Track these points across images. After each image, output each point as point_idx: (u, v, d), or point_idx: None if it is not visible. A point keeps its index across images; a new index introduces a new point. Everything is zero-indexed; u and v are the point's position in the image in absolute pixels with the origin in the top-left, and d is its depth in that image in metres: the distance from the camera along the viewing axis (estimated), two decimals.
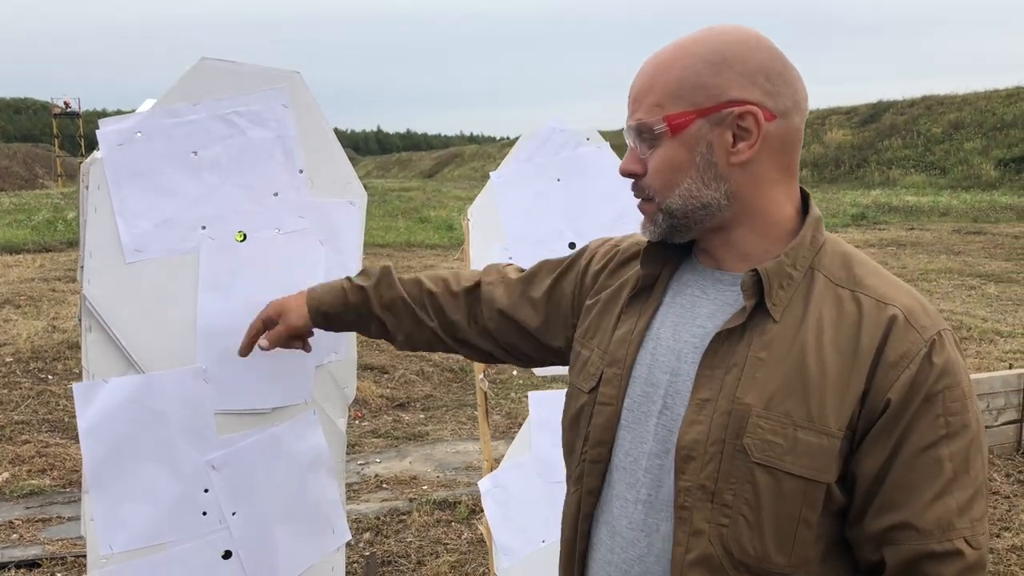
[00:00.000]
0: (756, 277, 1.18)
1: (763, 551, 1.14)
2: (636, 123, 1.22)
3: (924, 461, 1.11)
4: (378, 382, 7.19)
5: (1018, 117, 32.05)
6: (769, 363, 1.15)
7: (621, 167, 1.25)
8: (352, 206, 2.02)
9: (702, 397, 1.18)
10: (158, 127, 1.74)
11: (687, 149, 1.19)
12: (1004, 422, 5.46)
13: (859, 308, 1.15)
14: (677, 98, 1.18)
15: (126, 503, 1.73)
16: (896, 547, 1.12)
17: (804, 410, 1.12)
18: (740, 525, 1.14)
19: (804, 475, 1.12)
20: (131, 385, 1.72)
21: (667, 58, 1.21)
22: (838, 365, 1.13)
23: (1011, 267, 13.21)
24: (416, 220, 22.10)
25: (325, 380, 2.00)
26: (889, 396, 1.11)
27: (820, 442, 1.12)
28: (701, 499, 1.15)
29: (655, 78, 1.21)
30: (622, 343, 1.30)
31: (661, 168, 1.21)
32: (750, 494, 1.13)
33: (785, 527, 1.13)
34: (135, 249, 1.72)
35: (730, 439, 1.14)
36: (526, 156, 2.72)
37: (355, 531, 4.43)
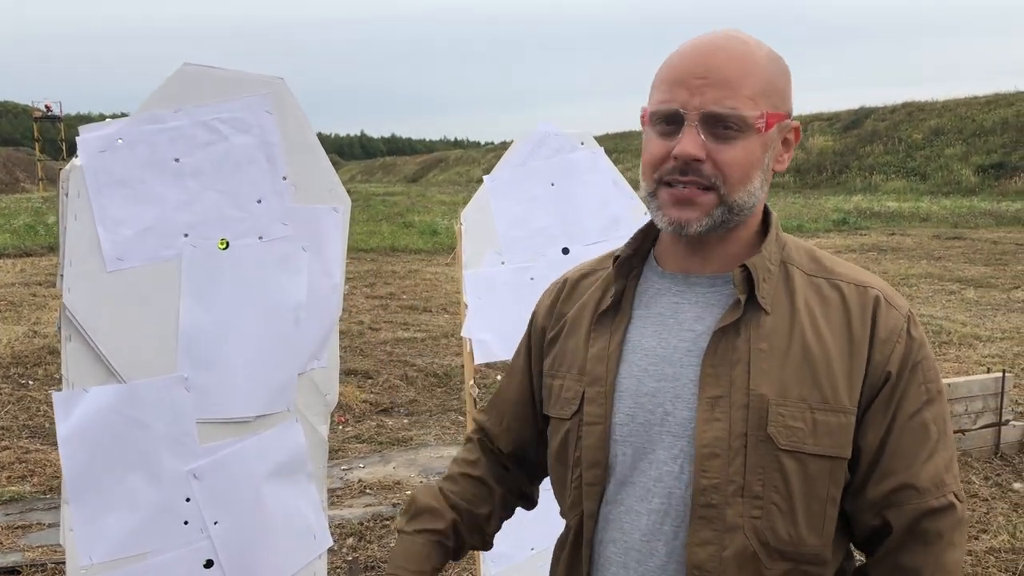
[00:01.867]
0: (746, 271, 1.21)
1: (798, 536, 1.18)
2: (730, 111, 1.16)
3: (914, 426, 1.20)
4: (362, 387, 7.17)
5: (997, 124, 32.42)
6: (773, 353, 1.19)
7: (684, 149, 1.16)
8: (336, 212, 2.02)
9: (713, 395, 1.19)
10: (139, 134, 1.74)
11: (763, 148, 1.21)
12: (982, 425, 5.51)
13: (840, 294, 1.23)
14: (767, 96, 1.19)
15: (106, 513, 1.72)
16: (899, 508, 1.19)
17: (818, 393, 1.18)
18: (773, 514, 1.17)
19: (828, 454, 1.17)
20: (111, 394, 1.71)
21: (749, 53, 1.19)
22: (838, 347, 1.19)
23: (990, 272, 13.34)
24: (400, 225, 22.08)
25: (307, 387, 1.99)
26: (888, 369, 1.19)
27: (839, 420, 1.18)
28: (732, 495, 1.17)
29: (745, 68, 1.17)
30: (599, 361, 1.29)
31: (740, 162, 1.18)
32: (779, 482, 1.16)
33: (815, 508, 1.18)
34: (116, 257, 1.71)
35: (752, 431, 1.17)
36: (520, 160, 2.71)
37: (338, 536, 4.41)
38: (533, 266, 2.72)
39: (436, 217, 23.37)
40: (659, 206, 1.22)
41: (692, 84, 1.17)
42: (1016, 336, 8.85)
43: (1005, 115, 32.91)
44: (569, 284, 1.44)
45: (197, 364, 1.79)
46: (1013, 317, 9.90)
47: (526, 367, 1.48)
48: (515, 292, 2.67)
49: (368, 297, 11.61)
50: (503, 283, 2.75)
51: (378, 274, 13.75)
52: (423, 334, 9.24)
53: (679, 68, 1.19)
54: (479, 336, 2.77)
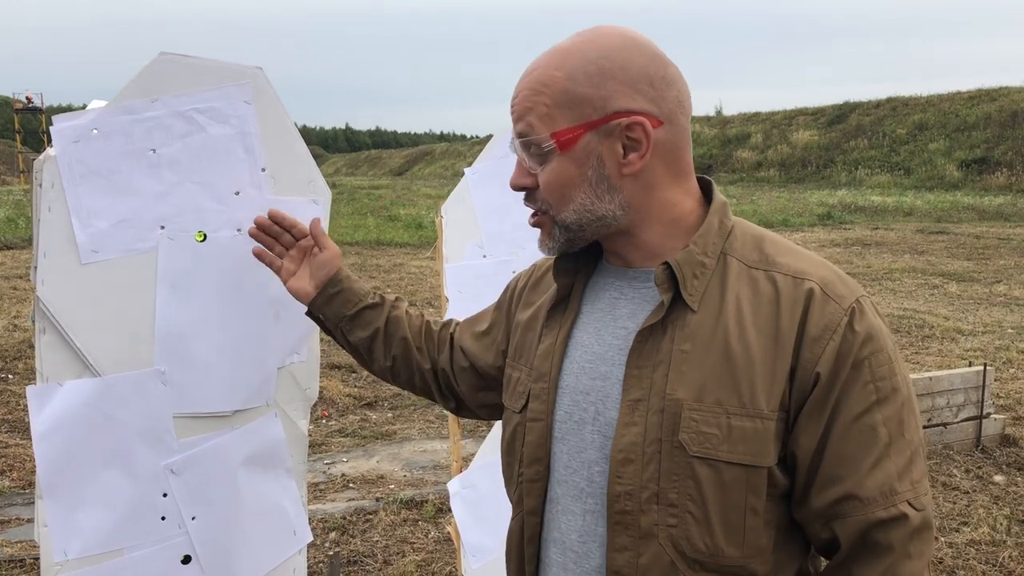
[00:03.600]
0: (669, 270, 1.16)
1: (714, 546, 1.12)
2: (522, 139, 1.18)
3: (859, 430, 1.11)
4: (345, 381, 7.15)
5: (980, 119, 32.65)
6: (694, 354, 1.14)
7: (511, 182, 1.23)
8: (315, 204, 1.99)
9: (633, 398, 1.16)
10: (115, 124, 1.71)
11: (577, 164, 1.17)
12: (964, 419, 5.55)
13: (775, 287, 1.15)
14: (564, 111, 1.15)
15: (81, 509, 1.69)
16: (843, 520, 1.12)
17: (735, 397, 1.11)
18: (688, 523, 1.12)
19: (743, 462, 1.11)
20: (87, 388, 1.68)
21: (548, 69, 1.17)
22: (762, 346, 1.12)
23: (972, 266, 13.44)
24: (385, 218, 22.01)
25: (287, 381, 1.97)
26: (818, 370, 1.11)
27: (755, 426, 1.11)
28: (647, 501, 1.13)
29: (537, 91, 1.17)
30: (545, 357, 1.28)
31: (552, 184, 1.18)
32: (693, 490, 1.11)
33: (732, 518, 1.12)
34: (91, 249, 1.68)
35: (666, 437, 1.12)
36: (501, 153, 2.69)
37: (321, 531, 4.39)
38: (514, 259, 2.71)
39: (421, 211, 23.32)
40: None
41: (512, 115, 1.20)
42: (997, 330, 8.92)
43: (988, 110, 33.13)
44: (536, 274, 1.45)
45: (174, 358, 1.77)
46: (995, 311, 9.98)
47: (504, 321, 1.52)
48: (496, 286, 2.65)
49: None
50: (484, 276, 2.73)
51: (363, 268, 13.70)
52: None
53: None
54: None
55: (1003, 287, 11.61)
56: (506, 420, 1.36)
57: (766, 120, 42.06)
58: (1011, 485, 4.96)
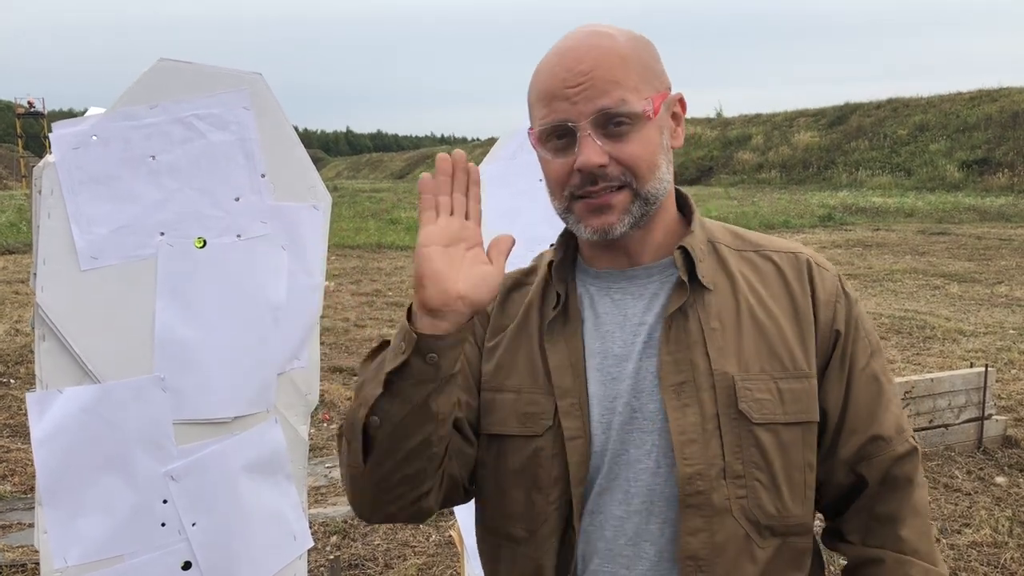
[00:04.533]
0: (685, 252, 1.21)
1: (784, 508, 1.18)
2: (618, 106, 1.14)
3: (867, 378, 1.24)
4: (347, 384, 7.14)
5: (981, 119, 32.61)
6: (726, 330, 1.19)
7: (588, 159, 1.14)
8: (316, 210, 2.00)
9: (676, 382, 1.17)
10: (115, 130, 1.71)
11: (658, 132, 1.19)
12: (965, 420, 5.54)
13: (773, 263, 1.26)
14: (646, 81, 1.18)
15: (81, 515, 1.69)
16: (870, 461, 1.23)
17: (777, 363, 1.19)
18: (758, 490, 1.17)
19: (799, 420, 1.19)
20: (86, 395, 1.69)
21: (616, 45, 1.18)
22: (785, 315, 1.22)
23: (974, 267, 13.42)
24: (387, 221, 22.00)
25: (287, 387, 1.97)
26: (836, 328, 1.23)
27: (802, 386, 1.20)
28: (716, 478, 1.15)
29: (618, 61, 1.16)
30: (564, 372, 1.22)
31: (643, 153, 1.17)
32: (758, 457, 1.16)
33: (796, 477, 1.19)
34: (90, 256, 1.69)
35: (724, 411, 1.16)
36: (509, 153, 2.67)
37: (322, 534, 4.39)
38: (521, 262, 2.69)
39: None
40: (578, 219, 1.21)
41: (571, 93, 1.15)
42: (999, 331, 8.91)
43: (989, 111, 33.10)
44: (501, 294, 1.35)
45: (174, 364, 1.77)
46: (996, 312, 9.96)
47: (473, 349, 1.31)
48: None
49: (354, 294, 11.57)
50: None
51: (364, 271, 13.71)
52: None
53: (554, 81, 1.17)
54: None
55: (1004, 288, 11.59)
56: (508, 448, 1.24)
57: (767, 122, 42.05)
58: (1013, 487, 4.95)
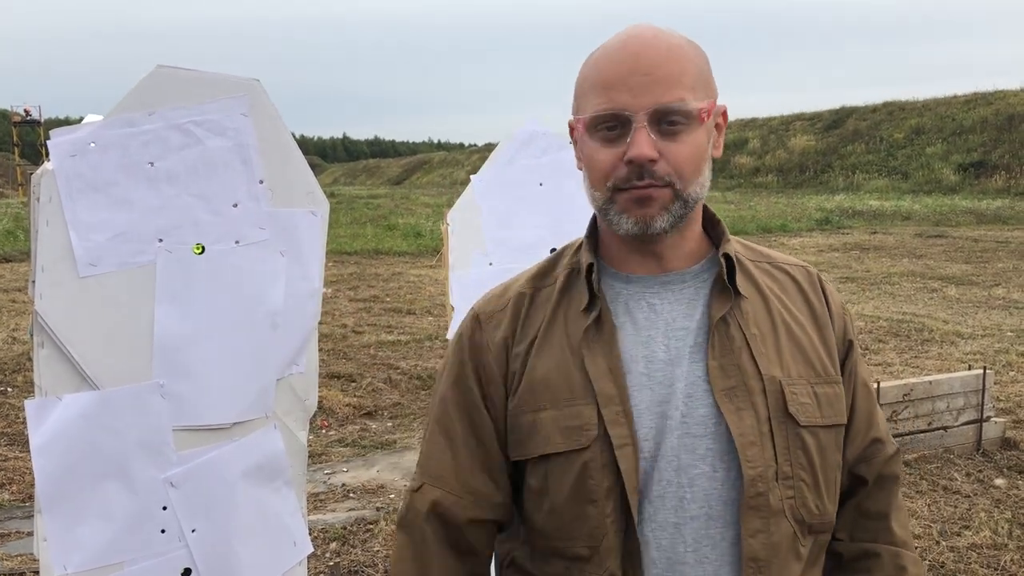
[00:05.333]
0: (728, 259, 1.24)
1: (823, 507, 1.23)
2: (677, 104, 1.14)
3: (862, 383, 1.32)
4: (345, 391, 7.14)
5: (977, 122, 32.70)
6: (765, 336, 1.23)
7: (640, 152, 1.13)
8: (314, 216, 2.00)
9: (727, 386, 1.19)
10: (112, 137, 1.71)
11: (706, 137, 1.20)
12: (964, 422, 5.55)
13: (790, 276, 1.32)
14: (702, 86, 1.19)
15: (81, 522, 1.69)
16: (870, 462, 1.31)
17: (810, 369, 1.24)
18: (804, 490, 1.20)
19: (834, 423, 1.24)
20: (85, 402, 1.68)
21: (679, 45, 1.18)
22: (808, 323, 1.28)
23: (971, 270, 13.44)
24: (384, 227, 22.01)
25: (286, 393, 1.97)
26: (849, 338, 1.31)
27: (834, 391, 1.25)
28: (771, 480, 1.18)
29: (681, 61, 1.16)
30: (606, 380, 1.20)
31: (691, 155, 1.17)
32: (803, 458, 1.20)
33: (832, 477, 1.25)
34: (89, 263, 1.69)
35: (775, 414, 1.19)
36: (507, 159, 2.67)
37: (321, 541, 4.38)
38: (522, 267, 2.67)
39: (420, 219, 23.33)
40: (621, 210, 1.18)
41: (632, 83, 1.13)
42: (997, 333, 8.92)
43: (985, 114, 33.19)
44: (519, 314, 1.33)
45: (173, 371, 1.77)
46: (994, 314, 9.98)
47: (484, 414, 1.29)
48: None
49: (352, 300, 11.57)
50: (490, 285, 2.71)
51: (361, 277, 13.71)
52: (407, 337, 9.21)
53: (614, 70, 1.15)
54: None
55: (1002, 290, 11.61)
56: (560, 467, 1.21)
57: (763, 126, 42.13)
58: (1012, 488, 4.95)
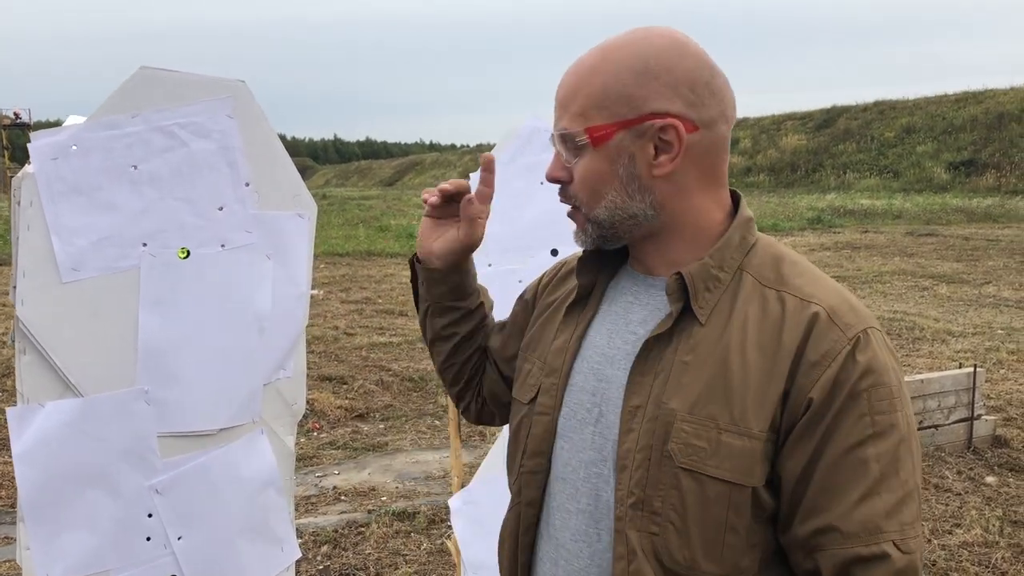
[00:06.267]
0: (681, 280, 1.16)
1: (692, 559, 1.12)
2: (560, 132, 1.21)
3: (849, 462, 1.08)
4: (337, 393, 7.11)
5: (967, 121, 32.83)
6: (694, 366, 1.13)
7: (547, 173, 1.24)
8: (301, 218, 1.98)
9: (633, 404, 1.17)
10: (95, 140, 1.69)
11: (609, 161, 1.17)
12: (955, 420, 5.56)
13: (783, 307, 1.13)
14: (601, 108, 1.16)
15: (64, 531, 1.67)
16: (824, 552, 1.09)
17: (727, 412, 1.10)
18: (669, 532, 1.12)
19: (727, 478, 1.09)
20: (68, 409, 1.67)
21: (592, 65, 1.19)
22: (759, 365, 1.11)
23: (962, 268, 13.49)
24: (376, 228, 21.97)
25: (273, 398, 1.95)
26: (811, 395, 1.08)
27: (743, 444, 1.09)
28: (633, 507, 1.14)
29: (579, 86, 1.19)
30: (559, 353, 1.30)
31: (585, 179, 1.20)
32: (676, 500, 1.11)
33: (712, 534, 1.11)
34: (71, 268, 1.67)
35: (656, 445, 1.13)
36: (508, 157, 2.63)
37: (312, 544, 4.36)
38: (521, 268, 2.64)
39: (412, 220, 23.29)
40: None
41: (555, 108, 1.22)
42: (987, 331, 8.95)
43: (975, 112, 33.32)
44: (563, 271, 1.45)
45: (158, 377, 1.75)
46: (984, 312, 10.01)
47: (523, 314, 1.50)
48: (502, 296, 2.58)
49: (343, 302, 11.54)
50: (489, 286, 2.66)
51: (353, 279, 13.67)
52: (399, 338, 9.19)
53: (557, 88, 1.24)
54: None
55: (992, 288, 11.65)
56: (514, 411, 1.37)
57: (754, 125, 42.21)
58: (1003, 486, 4.96)
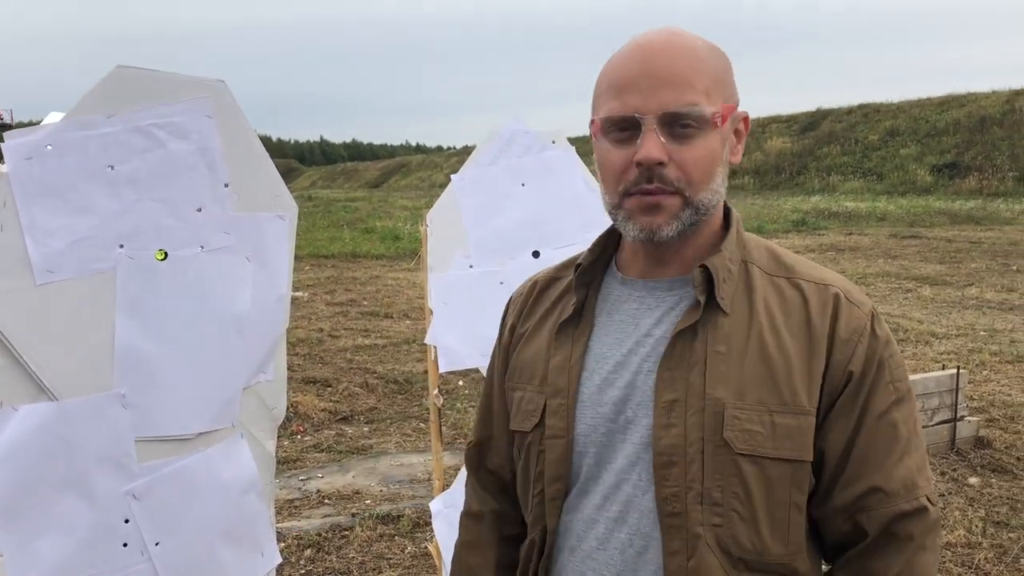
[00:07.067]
0: (706, 272, 1.18)
1: (761, 544, 1.15)
2: (684, 108, 1.12)
3: (883, 426, 1.16)
4: (321, 395, 7.07)
5: (950, 124, 33.06)
6: (731, 356, 1.16)
7: (648, 154, 1.12)
8: (281, 220, 1.96)
9: (668, 399, 1.16)
10: (70, 140, 1.67)
11: (721, 143, 1.18)
12: (938, 421, 5.58)
13: (801, 293, 1.19)
14: (718, 90, 1.16)
15: (39, 537, 1.64)
16: (869, 513, 1.16)
17: (776, 395, 1.14)
18: (734, 521, 1.14)
19: (788, 457, 1.14)
20: (43, 413, 1.64)
21: (694, 48, 1.15)
22: (796, 347, 1.16)
23: (945, 270, 13.57)
24: (362, 230, 21.91)
25: (253, 401, 1.93)
26: (851, 369, 1.16)
27: (798, 423, 1.14)
28: (692, 502, 1.14)
29: (695, 64, 1.14)
30: (561, 372, 1.25)
31: (702, 161, 1.15)
32: (738, 487, 1.13)
33: (779, 515, 1.15)
34: (46, 269, 1.64)
35: (709, 436, 1.14)
36: (489, 159, 2.61)
37: (296, 548, 4.33)
38: (502, 270, 2.63)
39: (398, 223, 23.23)
40: (627, 215, 1.18)
41: (643, 86, 1.13)
42: (970, 333, 9.00)
43: (957, 116, 33.56)
44: (539, 288, 1.39)
45: (135, 380, 1.72)
46: (967, 314, 10.07)
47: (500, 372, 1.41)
48: (483, 297, 2.57)
49: (328, 304, 11.49)
50: (471, 288, 2.65)
51: (338, 280, 13.62)
52: (384, 341, 9.16)
53: (627, 72, 1.15)
54: (445, 343, 2.69)
55: (975, 290, 11.72)
56: (519, 443, 1.31)
57: None
58: (986, 487, 4.99)
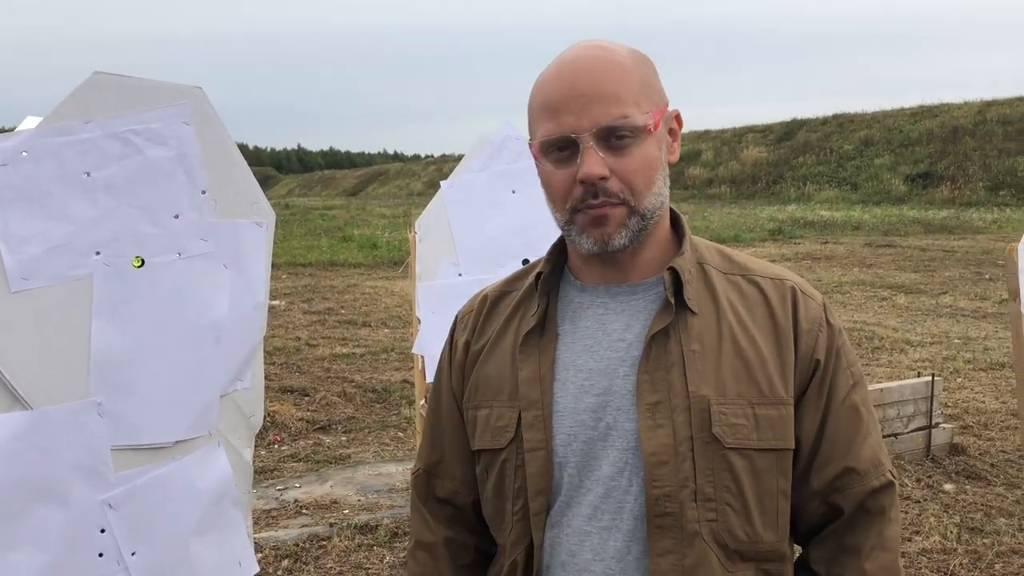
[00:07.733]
0: (674, 274, 1.21)
1: (755, 534, 1.18)
2: (617, 122, 1.15)
3: (846, 410, 1.23)
4: (298, 405, 7.03)
5: (923, 134, 33.48)
6: (706, 354, 1.19)
7: (590, 171, 1.14)
8: (259, 227, 1.95)
9: (651, 401, 1.17)
10: (46, 146, 1.65)
11: (657, 146, 1.20)
12: (914, 428, 5.63)
13: (759, 289, 1.25)
14: (646, 96, 1.19)
15: (13, 548, 1.62)
16: (843, 493, 1.22)
17: (755, 389, 1.19)
18: (728, 514, 1.17)
19: (773, 447, 1.18)
20: (16, 422, 1.62)
21: (617, 59, 1.19)
22: (765, 341, 1.21)
23: (919, 278, 13.72)
24: (339, 239, 21.81)
25: (230, 409, 1.91)
26: (816, 357, 1.22)
27: (779, 413, 1.19)
28: (686, 500, 1.15)
29: (621, 77, 1.17)
30: (532, 384, 1.24)
31: (642, 167, 1.18)
32: (730, 481, 1.16)
33: (768, 504, 1.19)
34: (21, 277, 1.62)
35: (698, 433, 1.16)
36: (479, 165, 2.60)
37: (273, 559, 4.30)
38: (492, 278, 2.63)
39: (376, 231, 23.17)
40: (580, 230, 1.20)
41: (575, 107, 1.16)
42: (944, 340, 9.11)
43: (931, 126, 34.00)
44: (490, 302, 1.38)
45: (111, 388, 1.71)
46: (941, 322, 10.19)
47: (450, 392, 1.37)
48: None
49: (306, 312, 11.43)
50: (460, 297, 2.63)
51: (316, 289, 13.56)
52: (362, 349, 9.12)
53: (557, 93, 1.18)
54: (433, 352, 2.67)
55: (949, 298, 11.86)
56: (488, 462, 1.28)
57: (716, 138, 42.66)
58: (960, 493, 5.04)
